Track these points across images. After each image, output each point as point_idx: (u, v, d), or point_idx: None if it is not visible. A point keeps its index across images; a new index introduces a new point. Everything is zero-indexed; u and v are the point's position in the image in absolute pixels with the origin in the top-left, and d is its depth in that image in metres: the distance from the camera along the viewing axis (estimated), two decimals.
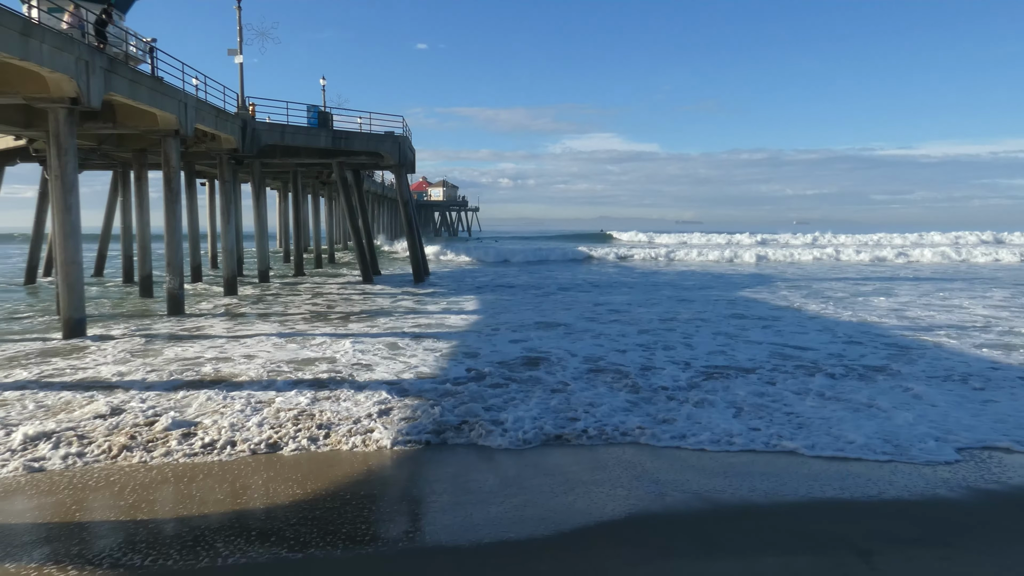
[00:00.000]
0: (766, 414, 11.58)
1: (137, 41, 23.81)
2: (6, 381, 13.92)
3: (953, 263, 58.35)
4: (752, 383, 13.73)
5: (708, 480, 8.82)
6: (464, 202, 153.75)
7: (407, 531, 7.46)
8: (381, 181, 77.59)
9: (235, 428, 10.70)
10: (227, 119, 29.45)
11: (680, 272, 46.89)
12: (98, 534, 7.32)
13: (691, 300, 28.88)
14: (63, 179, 18.77)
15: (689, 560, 6.83)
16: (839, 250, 67.80)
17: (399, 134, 35.77)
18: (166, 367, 15.21)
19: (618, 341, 18.53)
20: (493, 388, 13.24)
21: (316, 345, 17.94)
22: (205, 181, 46.93)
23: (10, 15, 15.36)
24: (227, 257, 31.48)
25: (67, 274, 19.07)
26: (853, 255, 64.47)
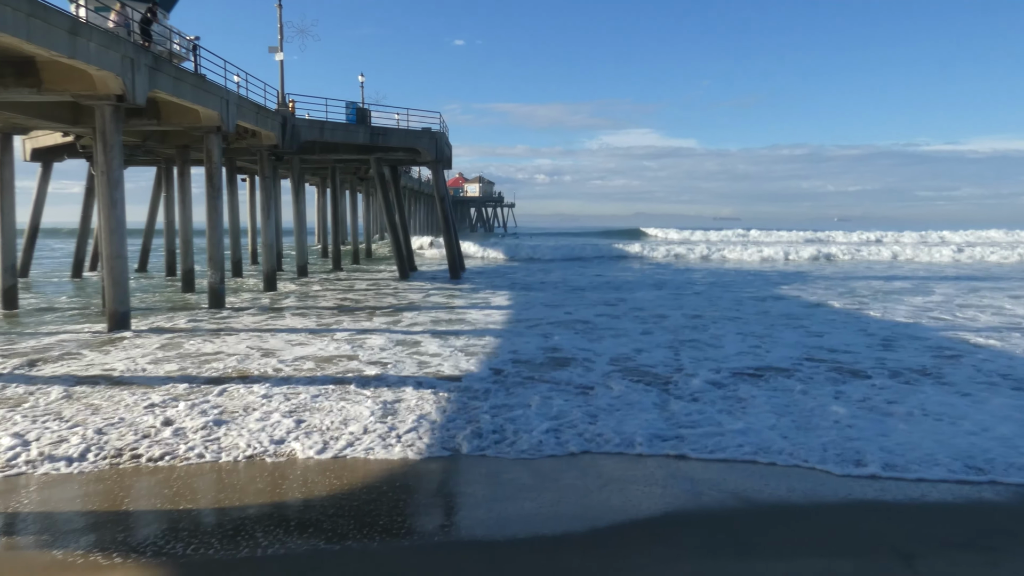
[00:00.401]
0: (813, 422, 10.99)
1: (181, 39, 24.22)
2: (55, 374, 14.30)
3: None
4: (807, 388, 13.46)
5: (745, 480, 8.71)
6: (500, 198, 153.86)
7: (442, 525, 7.50)
8: (418, 177, 77.97)
9: (264, 425, 10.84)
10: (268, 116, 29.84)
11: (715, 270, 46.37)
12: (143, 523, 7.48)
13: (724, 299, 28.54)
14: (109, 175, 19.18)
15: (725, 560, 6.75)
16: (897, 247, 63.69)
17: (436, 130, 35.90)
18: (204, 362, 15.47)
19: (650, 342, 18.26)
20: (522, 389, 13.17)
21: (351, 342, 18.10)
22: (246, 177, 47.58)
23: (59, 14, 15.73)
24: (267, 252, 31.91)
25: (112, 268, 19.50)
26: (911, 252, 60.51)
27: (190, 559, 6.63)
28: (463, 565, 6.63)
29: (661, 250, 60.83)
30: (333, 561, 6.66)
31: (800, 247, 64.16)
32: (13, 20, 14.28)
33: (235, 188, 37.38)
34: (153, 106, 23.41)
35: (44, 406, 11.66)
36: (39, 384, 13.15)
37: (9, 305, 24.20)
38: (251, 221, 48.09)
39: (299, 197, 37.59)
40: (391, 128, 35.14)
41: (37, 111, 22.64)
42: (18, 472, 8.84)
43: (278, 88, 32.85)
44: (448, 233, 38.33)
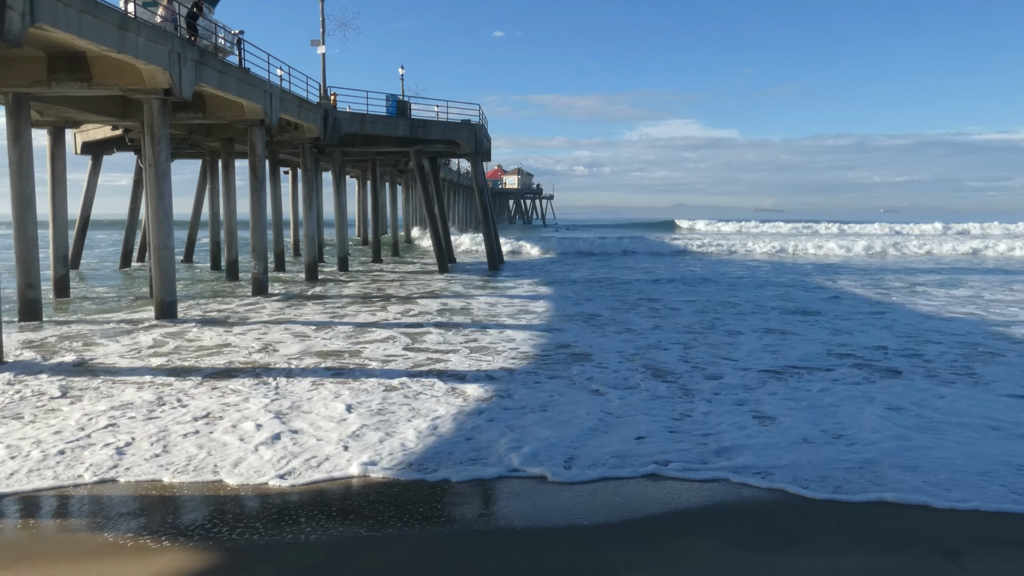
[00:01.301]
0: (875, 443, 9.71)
1: (225, 33, 24.60)
2: (108, 364, 14.69)
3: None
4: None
5: (785, 474, 8.61)
6: (539, 190, 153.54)
7: (480, 514, 7.54)
8: (457, 169, 78.18)
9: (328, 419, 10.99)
10: (310, 109, 30.18)
11: (752, 264, 45.70)
12: (190, 507, 7.66)
13: (759, 298, 28.13)
14: (156, 167, 19.59)
15: (765, 554, 6.68)
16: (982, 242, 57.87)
17: (475, 122, 35.96)
18: (255, 353, 15.75)
19: (695, 348, 17.64)
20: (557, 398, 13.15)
21: (391, 336, 18.26)
22: (288, 169, 48.26)
23: (109, 9, 16.09)
24: (308, 243, 32.32)
25: (160, 258, 19.94)
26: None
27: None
28: (503, 555, 6.66)
29: (715, 245, 58.07)
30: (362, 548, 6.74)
31: (856, 240, 62.52)
32: (65, 16, 14.64)
33: (278, 180, 37.92)
34: (199, 100, 23.84)
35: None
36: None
37: (61, 294, 24.90)
38: (293, 213, 48.75)
39: (340, 189, 38.00)
40: (431, 120, 35.28)
41: (87, 105, 23.21)
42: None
43: (320, 81, 33.20)
44: (487, 225, 38.41)
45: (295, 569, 6.34)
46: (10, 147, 19.97)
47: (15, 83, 18.51)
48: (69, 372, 13.52)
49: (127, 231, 39.61)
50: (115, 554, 6.57)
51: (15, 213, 20.01)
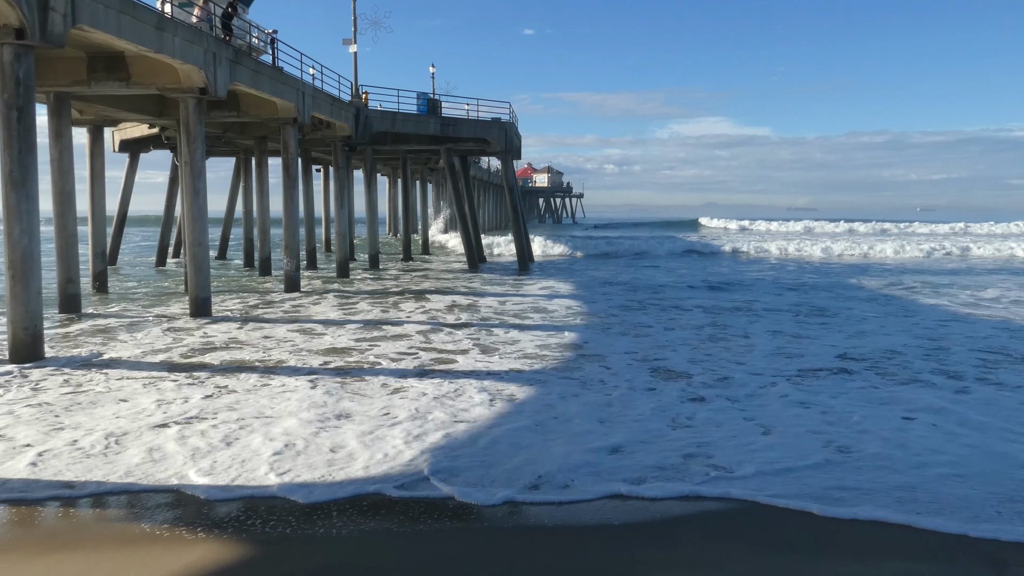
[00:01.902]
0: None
1: (259, 33, 24.88)
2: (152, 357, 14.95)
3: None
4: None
5: (823, 479, 8.50)
6: (569, 188, 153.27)
7: (510, 512, 7.56)
8: (487, 167, 78.27)
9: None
10: (342, 107, 30.42)
11: (786, 266, 45.16)
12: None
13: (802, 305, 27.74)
14: (192, 165, 19.89)
15: (800, 559, 6.60)
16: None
17: (505, 120, 35.97)
18: (298, 354, 15.93)
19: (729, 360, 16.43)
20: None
21: (423, 335, 18.34)
22: (320, 168, 48.65)
23: (147, 10, 16.36)
24: (340, 241, 32.58)
25: (195, 255, 20.23)
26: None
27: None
28: (533, 549, 6.67)
29: (734, 243, 57.57)
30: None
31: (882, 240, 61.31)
32: (105, 17, 14.92)
33: (310, 178, 38.25)
34: (233, 98, 24.16)
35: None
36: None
37: (99, 289, 25.41)
38: (325, 211, 49.16)
39: (371, 187, 38.20)
40: (461, 118, 35.36)
41: (125, 104, 23.63)
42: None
43: (352, 80, 33.45)
44: (517, 224, 38.41)
45: (329, 566, 6.42)
46: (51, 145, 20.41)
47: (56, 83, 18.91)
48: (106, 366, 13.79)
49: (163, 228, 40.27)
50: (150, 544, 6.69)
51: (56, 210, 20.44)
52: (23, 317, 13.97)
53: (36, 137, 14.28)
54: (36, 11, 13.26)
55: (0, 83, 13.69)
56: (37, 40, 13.44)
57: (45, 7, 13.37)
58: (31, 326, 14.04)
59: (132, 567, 6.26)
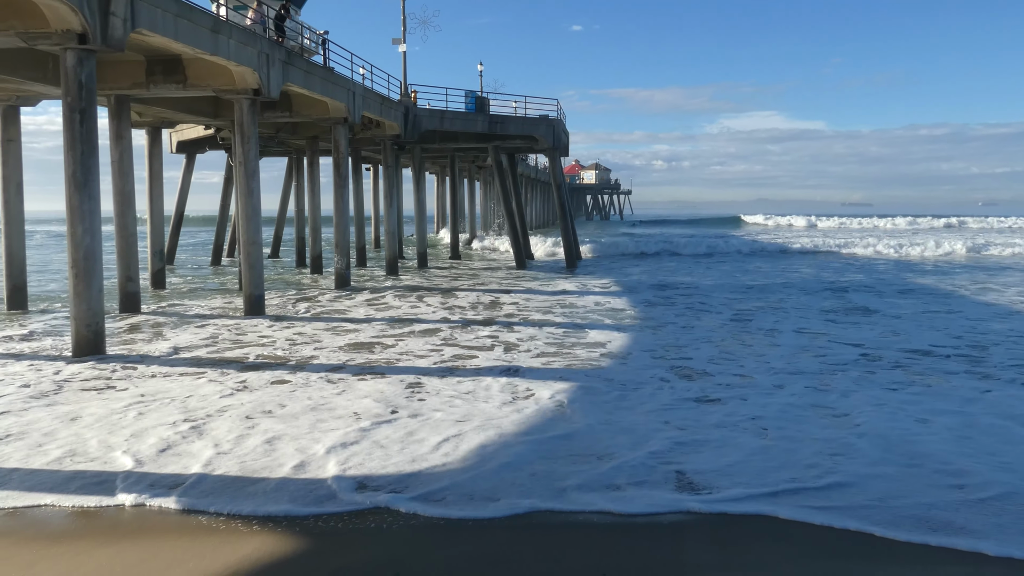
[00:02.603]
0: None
1: (311, 34, 25.24)
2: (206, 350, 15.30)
3: None
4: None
5: (883, 484, 8.27)
6: (616, 185, 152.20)
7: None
8: (535, 165, 78.20)
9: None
10: (391, 106, 30.70)
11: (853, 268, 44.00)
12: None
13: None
14: (246, 165, 20.28)
15: (857, 563, 6.42)
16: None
17: (553, 117, 35.88)
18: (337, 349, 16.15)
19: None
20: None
21: (493, 333, 18.38)
22: (370, 166, 49.24)
23: (203, 14, 16.73)
24: (389, 239, 32.90)
25: (248, 253, 20.64)
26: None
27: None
28: (580, 544, 6.63)
29: (802, 243, 53.10)
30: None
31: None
32: (163, 21, 15.30)
33: (360, 177, 38.68)
34: (286, 99, 24.56)
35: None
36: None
37: (157, 286, 26.12)
38: (374, 209, 49.70)
39: (420, 186, 38.50)
40: (509, 116, 35.38)
41: (182, 105, 24.22)
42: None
43: (401, 79, 33.73)
44: (564, 221, 38.30)
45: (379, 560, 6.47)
46: (112, 146, 21.02)
47: (117, 86, 19.47)
48: (169, 363, 14.15)
49: (218, 227, 41.17)
50: (208, 535, 6.83)
51: (116, 209, 21.03)
52: (86, 314, 14.41)
53: (98, 139, 14.72)
54: (98, 16, 13.66)
55: (63, 87, 14.15)
56: (99, 44, 13.85)
57: (106, 12, 13.76)
58: (93, 323, 14.48)
59: (191, 557, 6.40)
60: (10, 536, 6.88)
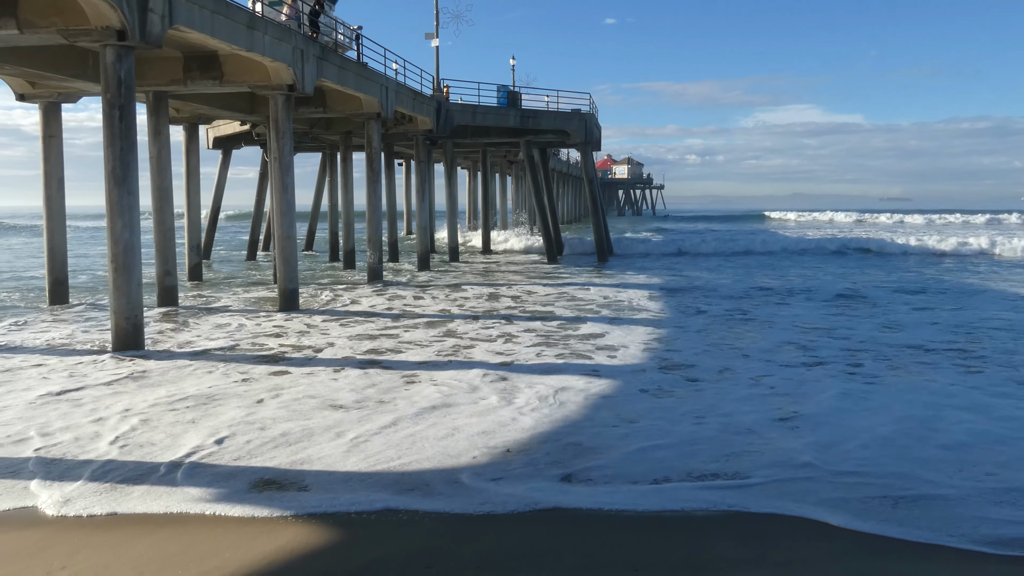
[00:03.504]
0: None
1: (345, 29, 25.37)
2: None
3: None
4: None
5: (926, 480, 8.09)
6: (649, 180, 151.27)
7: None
8: (566, 159, 77.96)
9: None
10: (423, 101, 30.77)
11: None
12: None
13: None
14: (281, 160, 20.46)
15: (901, 561, 6.29)
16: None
17: (585, 112, 35.71)
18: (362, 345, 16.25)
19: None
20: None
21: (530, 328, 18.37)
22: (402, 161, 49.43)
23: (239, 10, 16.89)
24: (420, 234, 33.02)
25: (283, 248, 20.83)
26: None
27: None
28: (611, 538, 6.57)
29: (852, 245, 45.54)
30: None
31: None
32: (200, 17, 15.47)
33: (393, 172, 38.88)
34: (320, 95, 24.72)
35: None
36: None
37: (195, 281, 26.54)
38: (406, 204, 49.87)
39: (451, 180, 38.56)
40: (541, 111, 35.28)
41: (218, 102, 24.50)
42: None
43: (433, 74, 33.78)
44: (596, 216, 38.14)
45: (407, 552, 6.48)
46: (150, 142, 21.33)
47: (155, 82, 19.74)
48: (208, 357, 14.34)
49: (253, 222, 41.60)
50: (243, 526, 6.90)
51: (154, 205, 21.35)
52: (125, 307, 14.64)
53: (136, 135, 14.93)
54: (136, 13, 13.84)
55: (103, 83, 14.37)
56: (137, 41, 14.03)
57: (144, 9, 13.94)
58: (132, 316, 14.71)
59: (226, 548, 6.46)
60: (52, 525, 7.01)
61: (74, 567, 6.14)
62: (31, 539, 6.69)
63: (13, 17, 13.83)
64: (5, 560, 6.28)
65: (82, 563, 6.22)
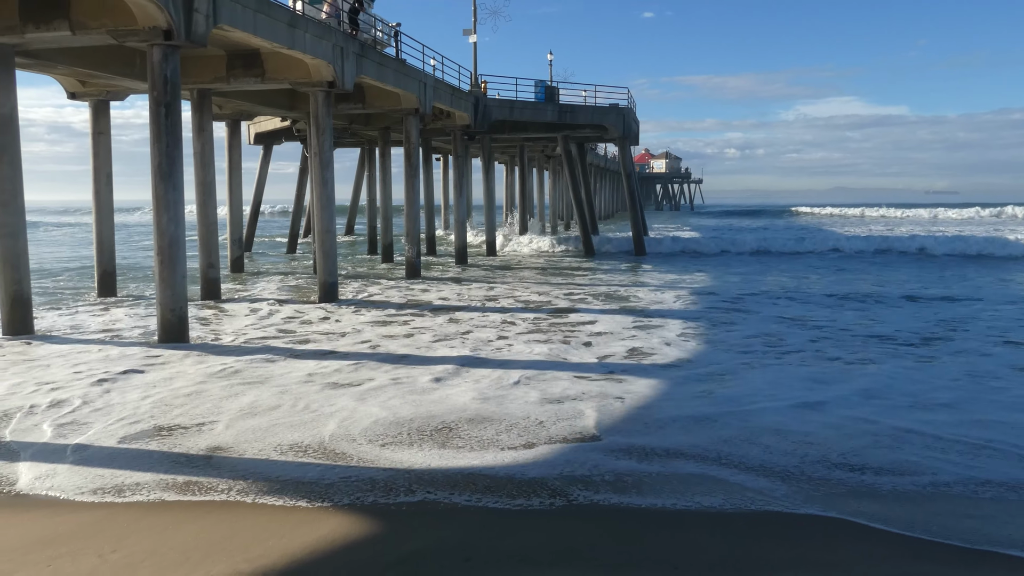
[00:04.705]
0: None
1: (384, 26, 25.59)
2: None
3: None
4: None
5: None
6: (687, 174, 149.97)
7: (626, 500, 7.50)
8: (604, 154, 77.65)
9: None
10: (461, 97, 30.91)
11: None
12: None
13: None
14: (320, 156, 20.75)
15: (952, 567, 6.21)
16: None
17: (623, 106, 35.55)
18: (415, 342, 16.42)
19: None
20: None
21: (591, 320, 18.42)
22: (440, 157, 49.70)
23: (280, 8, 17.17)
24: (458, 228, 33.19)
25: (323, 242, 21.13)
26: None
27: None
28: (652, 535, 6.61)
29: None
30: None
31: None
32: (243, 16, 15.76)
33: (430, 168, 39.12)
34: (359, 91, 24.98)
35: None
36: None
37: (237, 271, 27.08)
38: (444, 199, 50.09)
39: (489, 176, 38.68)
40: (578, 105, 35.21)
41: (260, 98, 24.91)
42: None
43: (471, 70, 33.91)
44: (634, 211, 37.96)
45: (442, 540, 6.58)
46: (194, 138, 21.77)
47: (199, 80, 20.14)
48: (251, 351, 14.65)
49: (293, 216, 42.23)
50: (287, 515, 7.08)
51: (198, 200, 21.80)
52: (170, 299, 15.00)
53: (182, 132, 15.26)
54: (182, 12, 14.15)
55: (150, 81, 14.72)
56: (183, 40, 14.35)
57: (190, 9, 14.25)
58: (177, 308, 15.06)
59: (269, 536, 6.64)
60: (103, 509, 7.26)
61: (124, 550, 6.35)
62: (83, 522, 6.94)
63: (66, 19, 14.24)
64: (60, 542, 6.53)
65: (132, 547, 6.43)
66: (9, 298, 15.61)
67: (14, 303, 15.64)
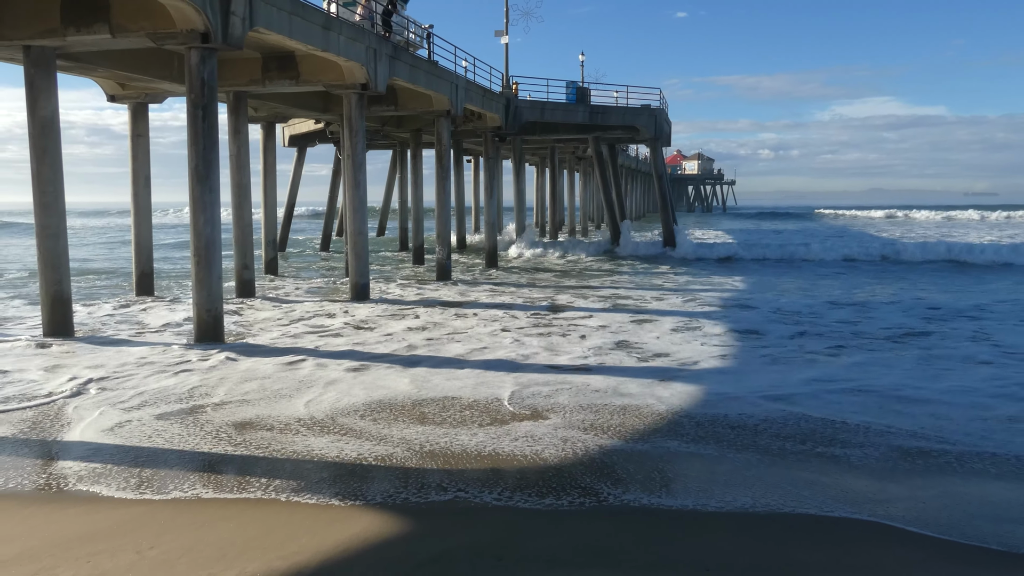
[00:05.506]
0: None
1: (416, 28, 25.72)
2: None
3: None
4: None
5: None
6: (719, 175, 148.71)
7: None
8: (635, 155, 77.27)
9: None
10: (492, 98, 30.95)
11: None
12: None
13: None
14: (353, 158, 20.91)
15: (986, 570, 6.07)
16: None
17: (655, 107, 35.35)
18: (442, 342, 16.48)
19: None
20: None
21: (620, 324, 18.37)
22: (471, 158, 49.87)
23: (315, 11, 17.34)
24: (489, 230, 33.23)
25: (355, 243, 21.30)
26: None
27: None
28: (682, 538, 6.54)
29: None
30: None
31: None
32: (278, 19, 15.94)
33: (461, 169, 39.25)
34: (391, 93, 25.15)
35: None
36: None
37: (270, 272, 27.41)
38: (475, 200, 50.25)
39: (519, 177, 38.69)
40: (609, 106, 35.09)
41: (294, 101, 25.18)
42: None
43: (502, 71, 33.95)
44: (665, 212, 37.72)
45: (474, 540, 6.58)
46: (230, 141, 22.07)
47: (235, 82, 20.42)
48: (285, 352, 14.80)
49: (326, 217, 42.65)
50: (321, 513, 7.13)
51: (234, 201, 22.08)
52: (206, 300, 15.20)
53: (218, 134, 15.46)
54: (219, 16, 14.35)
55: (187, 84, 14.94)
56: (220, 43, 14.55)
57: (227, 12, 14.45)
58: (213, 308, 15.25)
59: (303, 533, 6.69)
60: (141, 506, 7.38)
61: (162, 547, 6.45)
62: (121, 519, 7.05)
63: (106, 22, 14.52)
64: (99, 538, 6.64)
65: (169, 543, 6.52)
66: (50, 298, 15.92)
67: (54, 303, 15.94)
